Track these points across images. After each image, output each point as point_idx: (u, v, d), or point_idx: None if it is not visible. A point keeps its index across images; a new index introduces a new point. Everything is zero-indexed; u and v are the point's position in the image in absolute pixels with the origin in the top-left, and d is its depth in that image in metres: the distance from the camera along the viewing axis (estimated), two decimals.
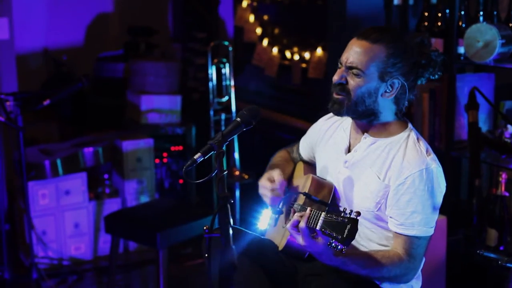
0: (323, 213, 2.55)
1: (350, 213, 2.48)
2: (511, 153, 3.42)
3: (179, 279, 4.86)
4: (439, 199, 2.78)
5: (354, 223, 2.45)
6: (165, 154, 5.64)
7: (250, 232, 3.03)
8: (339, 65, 2.81)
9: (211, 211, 4.68)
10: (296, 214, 2.65)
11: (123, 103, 5.84)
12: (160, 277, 4.16)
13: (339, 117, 3.03)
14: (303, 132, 3.28)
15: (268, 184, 3.00)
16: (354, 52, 2.75)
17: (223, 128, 5.09)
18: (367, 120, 2.83)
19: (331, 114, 3.10)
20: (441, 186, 2.77)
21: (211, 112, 5.12)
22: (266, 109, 5.25)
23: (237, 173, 5.04)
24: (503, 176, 3.86)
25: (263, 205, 3.14)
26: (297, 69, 5.19)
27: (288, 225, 2.64)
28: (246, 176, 5.01)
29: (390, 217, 2.76)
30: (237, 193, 5.13)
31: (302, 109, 5.08)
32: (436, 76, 2.85)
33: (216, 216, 2.38)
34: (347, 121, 2.98)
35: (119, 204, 5.19)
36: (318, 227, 2.53)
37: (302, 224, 2.58)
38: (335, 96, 2.80)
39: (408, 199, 2.71)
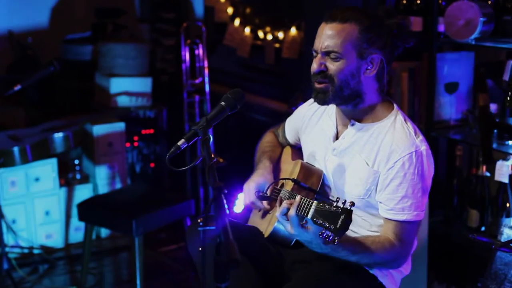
0: (315, 201, 2.46)
1: (344, 203, 2.40)
2: None
3: (154, 265, 4.79)
4: (429, 182, 2.73)
5: (348, 213, 2.37)
6: (135, 138, 5.52)
7: (234, 219, 2.96)
8: (314, 54, 2.73)
9: (186, 196, 4.59)
10: (285, 201, 2.56)
11: (92, 86, 5.70)
12: (136, 264, 4.07)
13: None
14: (277, 113, 3.21)
15: (253, 197, 2.95)
16: (326, 36, 2.66)
17: (197, 110, 5.00)
18: (352, 105, 2.75)
19: None
20: (430, 168, 2.72)
21: (185, 95, 5.00)
22: None
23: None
24: None
25: (239, 190, 3.08)
26: (270, 49, 5.11)
27: (277, 212, 2.55)
28: (221, 160, 4.91)
29: (380, 202, 2.70)
30: None
31: (277, 89, 5.00)
32: (411, 43, 2.79)
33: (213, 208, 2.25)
34: (331, 107, 2.91)
35: (90, 190, 5.08)
36: (309, 216, 2.45)
37: (292, 213, 2.50)
38: (317, 86, 2.72)
39: (398, 183, 2.65)
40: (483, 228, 3.88)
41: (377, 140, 2.71)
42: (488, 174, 3.87)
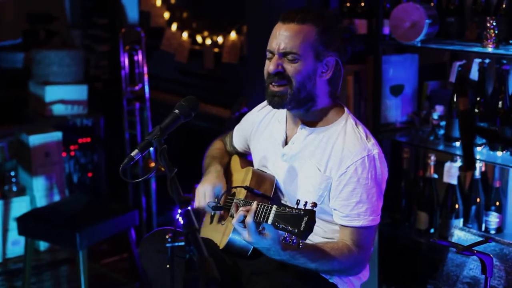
0: (274, 206, 2.39)
1: (305, 205, 2.33)
2: (502, 142, 3.35)
3: (97, 277, 4.65)
4: (383, 186, 2.69)
5: (311, 214, 2.29)
6: (72, 147, 5.38)
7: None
8: (269, 55, 2.65)
9: (129, 207, 4.47)
10: (241, 208, 2.48)
11: (25, 95, 5.55)
12: (81, 278, 3.94)
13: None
14: (218, 119, 3.12)
15: (209, 199, 2.85)
16: (284, 37, 2.60)
17: (137, 118, 4.88)
18: (304, 108, 2.69)
19: (263, 104, 2.96)
20: (384, 171, 2.68)
21: (124, 102, 4.88)
22: (178, 96, 5.05)
23: (152, 164, 4.83)
24: (432, 158, 3.82)
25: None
26: (209, 54, 5.02)
27: (234, 220, 2.47)
28: (163, 168, 4.79)
29: (335, 209, 2.65)
30: (154, 185, 4.92)
31: (217, 95, 4.91)
32: (362, 48, 2.76)
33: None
34: (282, 112, 2.84)
35: (27, 203, 4.91)
36: (269, 221, 2.37)
37: (249, 219, 2.42)
38: (273, 88, 2.64)
39: (352, 189, 2.60)
40: (432, 230, 3.87)
41: (328, 144, 2.66)
42: (436, 176, 3.87)
